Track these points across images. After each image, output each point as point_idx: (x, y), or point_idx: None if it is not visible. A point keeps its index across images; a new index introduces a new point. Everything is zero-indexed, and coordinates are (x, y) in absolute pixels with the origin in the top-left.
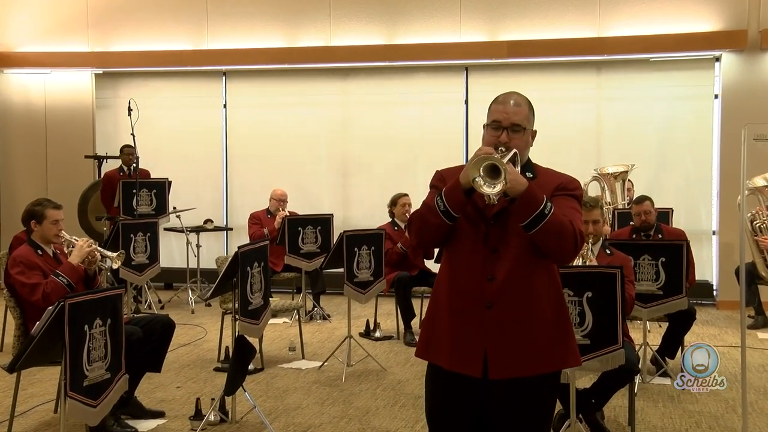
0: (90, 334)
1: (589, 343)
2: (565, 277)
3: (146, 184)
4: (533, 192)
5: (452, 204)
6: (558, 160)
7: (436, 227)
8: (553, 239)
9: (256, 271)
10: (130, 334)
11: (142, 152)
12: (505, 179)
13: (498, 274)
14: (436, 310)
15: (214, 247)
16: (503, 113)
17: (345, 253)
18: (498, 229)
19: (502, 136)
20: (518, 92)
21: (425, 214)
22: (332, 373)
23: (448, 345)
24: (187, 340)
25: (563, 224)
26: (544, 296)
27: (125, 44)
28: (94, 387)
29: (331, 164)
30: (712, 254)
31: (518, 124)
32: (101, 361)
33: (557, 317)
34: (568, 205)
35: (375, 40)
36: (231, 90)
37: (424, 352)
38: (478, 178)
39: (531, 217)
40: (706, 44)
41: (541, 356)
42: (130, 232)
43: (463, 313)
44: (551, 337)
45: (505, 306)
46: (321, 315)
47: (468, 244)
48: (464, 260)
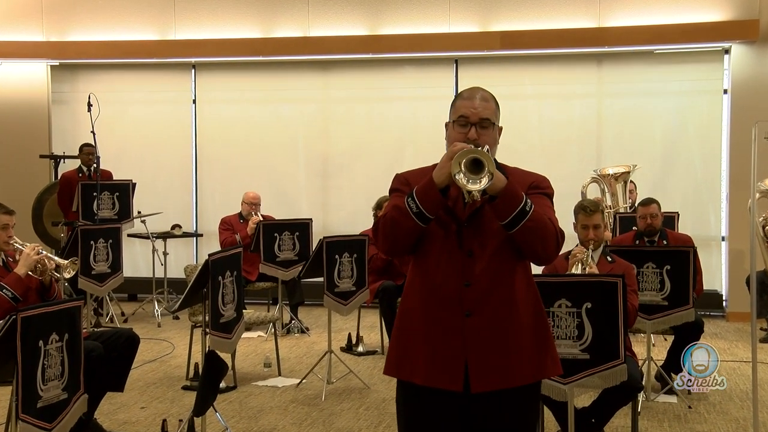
0: (45, 350)
1: (588, 357)
2: (562, 286)
3: (108, 186)
4: (514, 188)
5: (426, 204)
6: (555, 160)
7: (408, 231)
8: (535, 237)
9: (228, 280)
10: (90, 351)
11: (103, 151)
12: (490, 173)
13: (475, 278)
14: (407, 321)
15: (183, 254)
16: (471, 108)
17: (325, 260)
18: (472, 231)
19: (471, 133)
20: (483, 87)
21: (395, 217)
22: (311, 391)
23: (424, 359)
24: (153, 356)
25: (544, 221)
26: (523, 301)
27: (84, 33)
28: (49, 408)
29: (310, 165)
30: (722, 262)
31: (487, 119)
32: (57, 380)
33: (536, 322)
34: (543, 203)
35: (357, 31)
36: (201, 84)
37: (396, 368)
38: (459, 174)
39: (513, 214)
40: (715, 35)
41: (523, 365)
42: (90, 239)
43: (440, 323)
44: (532, 343)
45: (485, 313)
46: (299, 328)
47: (441, 249)
48: (438, 266)
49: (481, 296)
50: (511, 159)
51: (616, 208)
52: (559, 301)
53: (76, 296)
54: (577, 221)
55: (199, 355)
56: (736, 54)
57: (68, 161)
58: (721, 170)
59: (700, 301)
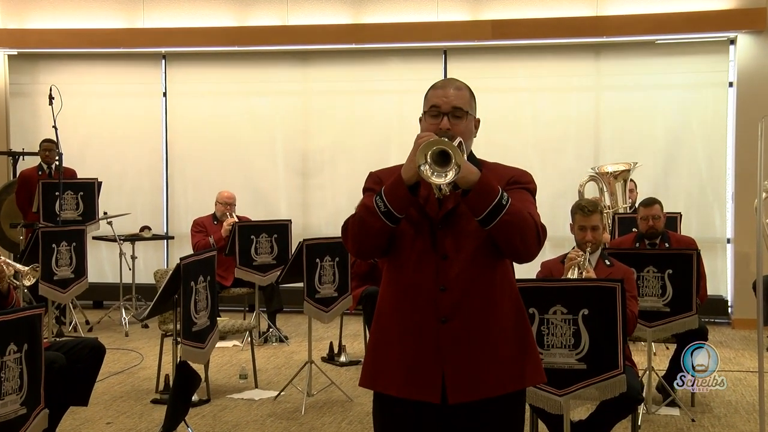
0: (2, 362)
1: (585, 367)
2: (557, 292)
3: (72, 185)
4: (487, 181)
5: (394, 203)
6: (550, 157)
7: (376, 232)
8: (514, 232)
9: (201, 286)
10: (52, 362)
11: (66, 148)
12: (457, 165)
13: (451, 283)
14: (381, 330)
15: (152, 258)
16: (443, 97)
17: (305, 264)
18: (447, 233)
19: (443, 123)
20: (458, 79)
21: (363, 216)
22: (290, 404)
23: (399, 369)
24: (120, 367)
25: (523, 215)
26: (503, 304)
27: (46, 21)
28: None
29: (289, 162)
30: (727, 265)
31: (459, 108)
32: (15, 394)
33: (517, 327)
34: (523, 198)
35: (339, 19)
36: (171, 76)
37: (371, 380)
38: (424, 166)
39: (488, 209)
40: (720, 24)
41: (504, 373)
42: (52, 242)
43: (415, 331)
44: (513, 349)
45: (462, 319)
46: (277, 337)
47: (414, 252)
48: (411, 270)
49: (457, 301)
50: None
51: (616, 208)
52: (554, 307)
53: (37, 303)
54: (574, 222)
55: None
56: (742, 44)
57: (27, 158)
58: (726, 168)
59: (704, 308)
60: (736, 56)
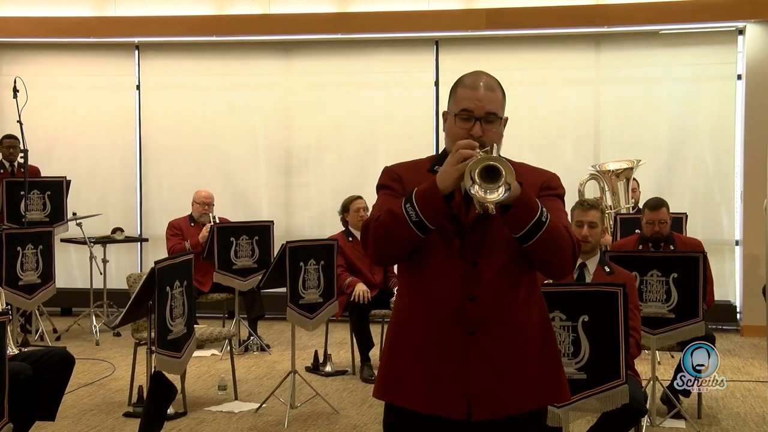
0: None
1: (585, 377)
2: (556, 297)
3: (38, 184)
4: (529, 197)
5: (429, 214)
6: (548, 154)
7: (404, 240)
8: (551, 251)
9: (177, 291)
10: (17, 373)
11: (31, 144)
12: (506, 182)
13: (480, 292)
14: (400, 339)
15: (125, 262)
16: (475, 101)
17: (288, 268)
18: (477, 238)
19: (475, 129)
20: (486, 72)
21: (390, 224)
22: (272, 416)
23: (421, 382)
24: (90, 378)
25: (561, 233)
26: (531, 316)
27: (9, 8)
28: None
29: (271, 159)
30: (735, 269)
31: (493, 113)
32: None
33: (544, 340)
34: (556, 208)
35: (324, 7)
36: (145, 68)
37: (387, 392)
38: (474, 186)
39: (528, 226)
40: (728, 13)
41: (531, 389)
42: (17, 244)
43: (439, 342)
44: (540, 365)
45: (490, 331)
46: (258, 345)
47: (441, 257)
48: (437, 277)
49: (487, 312)
50: None
51: (618, 208)
52: (552, 313)
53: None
54: (572, 218)
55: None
56: (751, 34)
57: None
58: (734, 166)
59: (712, 314)
60: (745, 47)
